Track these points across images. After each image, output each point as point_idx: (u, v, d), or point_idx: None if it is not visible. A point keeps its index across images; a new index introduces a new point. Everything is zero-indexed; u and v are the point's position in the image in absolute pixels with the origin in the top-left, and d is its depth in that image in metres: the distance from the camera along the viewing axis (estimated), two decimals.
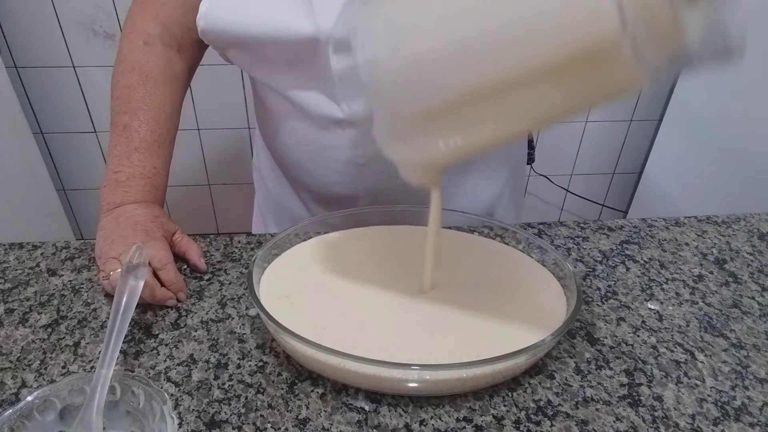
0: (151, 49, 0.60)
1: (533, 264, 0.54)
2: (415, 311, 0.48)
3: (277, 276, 0.51)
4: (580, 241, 0.63)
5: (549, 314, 0.47)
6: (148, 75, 0.59)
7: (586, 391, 0.44)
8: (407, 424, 0.41)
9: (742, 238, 0.65)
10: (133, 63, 0.60)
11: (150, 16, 0.60)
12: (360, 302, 0.49)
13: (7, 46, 1.41)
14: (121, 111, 0.59)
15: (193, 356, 0.46)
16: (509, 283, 0.52)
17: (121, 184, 0.57)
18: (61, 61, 1.45)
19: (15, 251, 0.60)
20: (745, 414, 0.42)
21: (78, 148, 1.59)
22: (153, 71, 0.59)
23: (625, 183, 1.87)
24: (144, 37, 0.60)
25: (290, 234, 0.55)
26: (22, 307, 0.52)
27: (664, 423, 0.41)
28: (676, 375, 0.46)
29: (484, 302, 0.49)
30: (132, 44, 0.60)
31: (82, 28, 1.40)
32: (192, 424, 0.40)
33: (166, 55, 0.61)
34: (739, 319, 0.52)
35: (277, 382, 0.44)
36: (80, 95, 1.51)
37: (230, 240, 0.61)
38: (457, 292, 0.50)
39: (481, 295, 0.50)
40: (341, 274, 0.53)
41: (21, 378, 0.44)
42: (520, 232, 0.56)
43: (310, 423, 0.41)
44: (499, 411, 0.42)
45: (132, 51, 0.60)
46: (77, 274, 0.56)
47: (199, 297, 0.53)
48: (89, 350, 0.47)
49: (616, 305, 0.53)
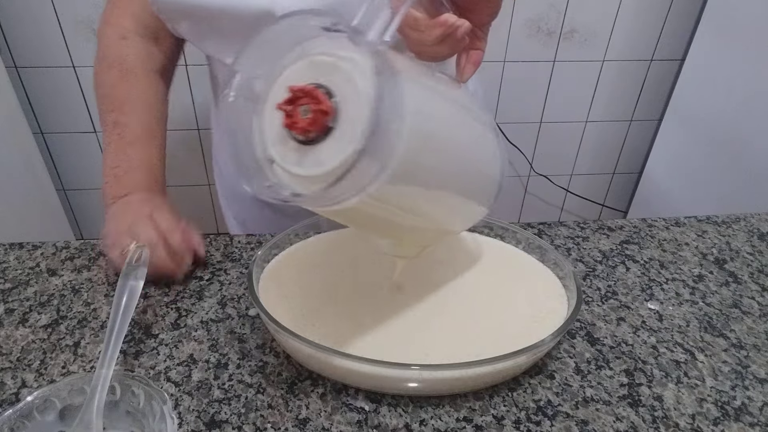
0: (128, 43, 0.60)
1: (533, 264, 0.54)
2: (416, 311, 0.48)
3: (277, 276, 0.51)
4: (580, 241, 0.63)
5: (549, 314, 0.47)
6: (128, 69, 0.59)
7: (586, 391, 0.44)
8: (407, 424, 0.41)
9: (742, 238, 0.65)
10: (112, 59, 0.60)
11: (123, 11, 0.60)
12: (360, 302, 0.49)
13: (7, 46, 1.41)
14: (108, 109, 0.59)
15: (193, 356, 0.46)
16: (509, 283, 0.52)
17: (120, 179, 0.57)
18: (61, 61, 1.45)
19: (15, 251, 0.60)
20: (745, 414, 0.42)
21: (78, 148, 1.59)
22: (132, 64, 0.59)
23: (625, 183, 1.87)
24: (120, 31, 0.60)
25: (290, 234, 0.55)
26: (22, 307, 0.52)
27: (664, 423, 0.41)
28: (676, 375, 0.46)
29: (485, 302, 0.49)
30: (109, 40, 0.60)
31: (82, 28, 1.40)
32: (192, 424, 0.40)
33: (144, 48, 0.61)
34: (739, 319, 0.52)
35: (277, 382, 0.44)
36: (80, 95, 1.51)
37: (230, 240, 0.61)
38: (458, 292, 0.51)
39: (482, 295, 0.50)
40: (341, 273, 0.53)
41: (21, 378, 0.44)
42: (520, 232, 0.56)
43: (310, 423, 0.41)
44: (499, 411, 0.42)
45: (109, 47, 0.60)
46: (77, 274, 0.56)
47: (199, 297, 0.53)
48: (89, 350, 0.47)
49: (616, 305, 0.53)
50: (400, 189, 0.33)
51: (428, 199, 0.37)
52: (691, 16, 1.54)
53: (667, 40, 1.58)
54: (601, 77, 1.63)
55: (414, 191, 0.35)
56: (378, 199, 0.32)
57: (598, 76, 1.63)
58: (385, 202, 0.34)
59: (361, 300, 0.49)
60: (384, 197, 0.33)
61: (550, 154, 1.75)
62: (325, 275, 0.52)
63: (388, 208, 0.35)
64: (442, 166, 0.36)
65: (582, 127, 1.73)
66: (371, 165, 0.30)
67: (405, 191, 0.34)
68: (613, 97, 1.68)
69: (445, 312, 0.48)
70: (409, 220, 0.38)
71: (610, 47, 1.58)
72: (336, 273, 0.53)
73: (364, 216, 0.36)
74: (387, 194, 0.33)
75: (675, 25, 1.56)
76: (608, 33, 1.56)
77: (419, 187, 0.35)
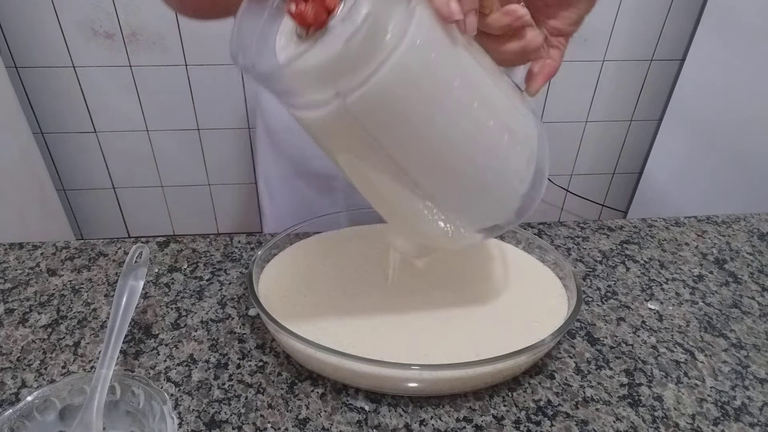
0: None
1: (533, 264, 0.54)
2: (416, 310, 0.48)
3: (277, 276, 0.51)
4: (580, 241, 0.63)
5: (549, 314, 0.47)
6: None
7: (586, 391, 0.44)
8: (407, 424, 0.41)
9: (742, 238, 0.65)
10: None
11: None
12: (360, 301, 0.49)
13: (7, 46, 1.41)
14: None
15: (193, 356, 0.46)
16: (509, 283, 0.52)
17: None
18: (61, 61, 1.45)
19: (15, 251, 0.60)
20: (745, 414, 0.42)
21: (78, 148, 1.59)
22: None
23: (625, 183, 1.87)
24: None
25: (290, 234, 0.55)
26: (22, 307, 0.52)
27: (664, 423, 0.41)
28: (676, 375, 0.46)
29: (485, 302, 0.49)
30: None
31: (82, 28, 1.40)
32: (192, 424, 0.40)
33: None
34: (739, 319, 0.52)
35: (277, 382, 0.44)
36: (80, 95, 1.51)
37: (230, 240, 0.61)
38: (458, 292, 0.51)
39: (482, 295, 0.50)
40: (341, 273, 0.53)
41: (21, 378, 0.44)
42: (520, 232, 0.56)
43: (310, 423, 0.41)
44: (499, 411, 0.42)
45: None
46: (77, 274, 0.56)
47: (199, 297, 0.53)
48: (89, 350, 0.47)
49: (616, 305, 0.53)
50: (380, 116, 0.32)
51: (411, 149, 0.34)
52: (691, 16, 1.54)
53: (667, 40, 1.58)
54: (601, 77, 1.63)
55: (397, 128, 0.33)
56: (355, 117, 0.31)
57: (598, 76, 1.63)
58: (362, 125, 0.32)
59: (362, 300, 0.49)
60: (361, 117, 0.32)
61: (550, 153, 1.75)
62: (325, 275, 0.52)
63: (368, 139, 0.33)
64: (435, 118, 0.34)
65: (582, 127, 1.73)
66: (351, 75, 0.30)
67: (384, 120, 0.32)
68: (613, 97, 1.68)
69: (445, 312, 0.48)
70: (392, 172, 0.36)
71: (610, 47, 1.58)
72: (336, 273, 0.53)
73: (346, 146, 0.35)
74: (365, 115, 0.32)
75: (675, 25, 1.56)
76: (608, 33, 1.56)
77: (403, 125, 0.33)
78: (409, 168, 0.35)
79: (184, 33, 1.43)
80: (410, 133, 0.34)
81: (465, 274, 0.54)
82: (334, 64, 0.29)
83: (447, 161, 0.36)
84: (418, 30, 0.30)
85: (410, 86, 0.31)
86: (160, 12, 1.37)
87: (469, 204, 0.39)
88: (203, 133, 1.60)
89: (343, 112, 0.31)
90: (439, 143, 0.35)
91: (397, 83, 0.31)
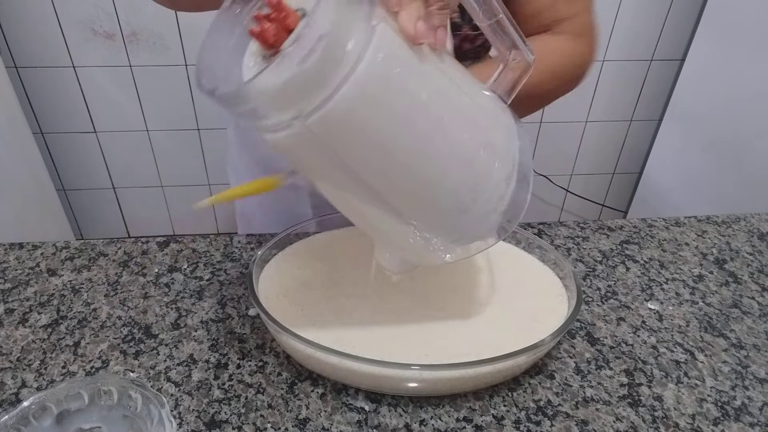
0: None
1: (533, 264, 0.54)
2: (415, 310, 0.48)
3: (277, 275, 0.51)
4: (580, 241, 0.63)
5: (549, 314, 0.47)
6: None
7: (586, 391, 0.44)
8: (407, 424, 0.41)
9: (742, 238, 0.65)
10: None
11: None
12: (360, 301, 0.49)
13: (7, 46, 1.41)
14: None
15: (193, 356, 0.46)
16: (509, 283, 0.52)
17: None
18: (61, 61, 1.45)
19: (15, 251, 0.60)
20: (745, 414, 0.42)
21: (78, 148, 1.59)
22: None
23: (625, 183, 1.87)
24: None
25: (290, 233, 0.55)
26: (22, 307, 0.52)
27: (664, 423, 0.41)
28: (676, 375, 0.46)
29: (485, 302, 0.49)
30: None
31: (82, 28, 1.40)
32: (192, 424, 0.40)
33: None
34: (739, 319, 0.52)
35: (277, 382, 0.44)
36: (80, 95, 1.51)
37: (230, 240, 0.61)
38: (458, 292, 0.51)
39: (482, 295, 0.50)
40: (340, 273, 0.53)
41: (21, 378, 0.44)
42: (520, 232, 0.56)
43: (310, 423, 0.41)
44: (499, 411, 0.42)
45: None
46: (77, 274, 0.56)
47: (199, 297, 0.53)
48: (89, 350, 0.47)
49: (616, 305, 0.53)
50: (343, 136, 0.32)
51: (380, 168, 0.34)
52: (691, 16, 1.54)
53: (667, 40, 1.58)
54: (601, 77, 1.63)
55: (362, 148, 0.33)
56: (318, 137, 0.31)
57: (598, 76, 1.63)
58: (326, 146, 0.32)
59: (361, 300, 0.49)
60: (324, 137, 0.31)
61: (550, 153, 1.75)
62: (325, 275, 0.52)
63: (334, 159, 0.33)
64: (403, 136, 0.33)
65: (582, 127, 1.73)
66: (309, 96, 0.29)
67: (348, 141, 0.32)
68: (613, 97, 1.68)
69: (445, 312, 0.48)
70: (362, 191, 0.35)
71: (610, 47, 1.58)
72: (336, 273, 0.53)
73: (315, 166, 0.35)
74: (328, 135, 0.31)
75: (675, 25, 1.56)
76: (608, 33, 1.56)
77: (368, 145, 0.33)
78: (380, 187, 0.35)
79: (184, 33, 1.43)
80: (377, 153, 0.33)
81: (465, 274, 0.53)
82: (290, 85, 0.29)
83: (418, 179, 0.35)
84: (379, 47, 0.29)
85: (373, 105, 0.31)
86: (160, 12, 1.37)
87: (443, 222, 0.38)
88: (203, 133, 1.60)
89: (305, 132, 0.31)
90: (411, 161, 0.34)
91: (358, 102, 0.30)
